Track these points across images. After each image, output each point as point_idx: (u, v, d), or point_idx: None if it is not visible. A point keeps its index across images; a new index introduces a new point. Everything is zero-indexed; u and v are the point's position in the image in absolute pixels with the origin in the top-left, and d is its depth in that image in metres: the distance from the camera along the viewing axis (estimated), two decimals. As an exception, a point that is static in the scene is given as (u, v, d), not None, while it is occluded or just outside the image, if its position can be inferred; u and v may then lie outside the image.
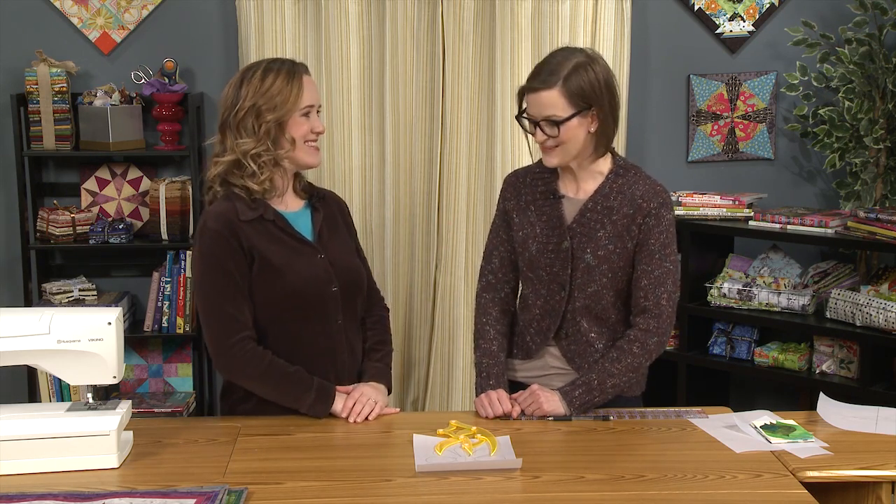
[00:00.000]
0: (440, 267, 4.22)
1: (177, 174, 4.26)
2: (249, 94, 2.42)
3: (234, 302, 2.40)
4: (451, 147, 4.14)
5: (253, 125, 2.41)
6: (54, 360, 2.15)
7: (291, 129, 2.44)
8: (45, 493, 1.97)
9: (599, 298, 2.49)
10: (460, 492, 2.03)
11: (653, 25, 4.26)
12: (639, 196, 2.47)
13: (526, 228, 2.54)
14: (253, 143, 2.42)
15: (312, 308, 2.46)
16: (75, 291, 4.10)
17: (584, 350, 2.52)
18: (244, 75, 2.46)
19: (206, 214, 2.46)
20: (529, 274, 2.55)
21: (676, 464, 2.17)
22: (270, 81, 2.42)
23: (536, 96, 2.40)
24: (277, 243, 2.44)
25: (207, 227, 2.42)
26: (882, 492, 2.16)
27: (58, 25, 4.14)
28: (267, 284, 2.42)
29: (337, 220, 2.60)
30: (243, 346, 2.39)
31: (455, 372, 4.21)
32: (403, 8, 4.06)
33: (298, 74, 2.45)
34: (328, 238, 2.53)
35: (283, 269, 2.42)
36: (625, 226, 2.46)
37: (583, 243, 2.47)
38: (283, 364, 2.41)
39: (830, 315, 3.76)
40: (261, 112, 2.41)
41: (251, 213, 2.43)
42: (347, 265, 2.54)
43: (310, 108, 2.46)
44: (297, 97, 2.42)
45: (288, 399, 2.42)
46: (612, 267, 2.47)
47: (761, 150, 4.35)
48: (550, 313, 2.53)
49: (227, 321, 2.39)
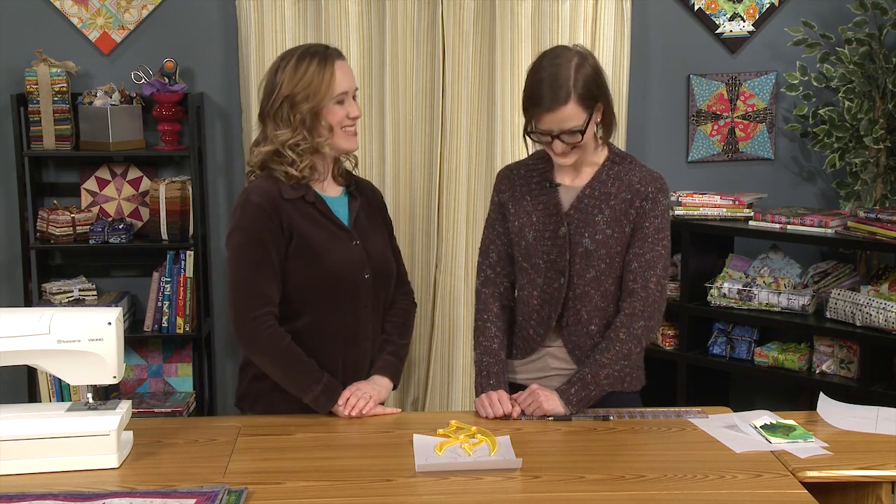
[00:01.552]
0: (440, 267, 4.22)
1: (177, 174, 4.25)
2: (284, 83, 2.43)
3: (264, 277, 2.41)
4: (451, 147, 4.14)
5: (289, 115, 2.43)
6: (54, 360, 2.16)
7: (327, 117, 2.44)
8: (45, 493, 1.97)
9: (598, 285, 2.50)
10: (460, 492, 2.03)
11: (653, 25, 4.25)
12: (636, 181, 2.49)
13: (522, 218, 2.54)
14: (290, 133, 2.43)
15: (344, 292, 2.48)
16: (75, 291, 4.10)
17: (586, 342, 2.53)
18: (279, 64, 2.47)
19: (248, 189, 2.48)
20: (525, 264, 2.55)
21: (676, 464, 2.17)
22: (303, 70, 2.42)
23: (553, 115, 2.38)
24: (316, 225, 2.46)
25: (251, 200, 2.43)
26: (882, 492, 2.17)
27: (58, 25, 4.13)
28: (302, 264, 2.44)
29: (373, 210, 2.63)
30: (266, 321, 2.41)
31: (455, 372, 4.21)
32: (403, 8, 4.06)
33: (331, 61, 2.45)
34: (365, 226, 2.56)
35: (319, 252, 2.44)
36: (623, 210, 2.48)
37: (580, 228, 2.48)
38: (298, 351, 2.43)
39: (830, 315, 3.76)
40: (295, 102, 2.42)
41: (293, 192, 2.45)
42: (381, 254, 2.57)
43: (344, 95, 2.46)
44: (329, 85, 2.43)
45: (294, 385, 2.43)
46: (610, 252, 2.48)
47: (761, 150, 4.35)
48: (550, 301, 2.53)
49: (255, 294, 2.41)
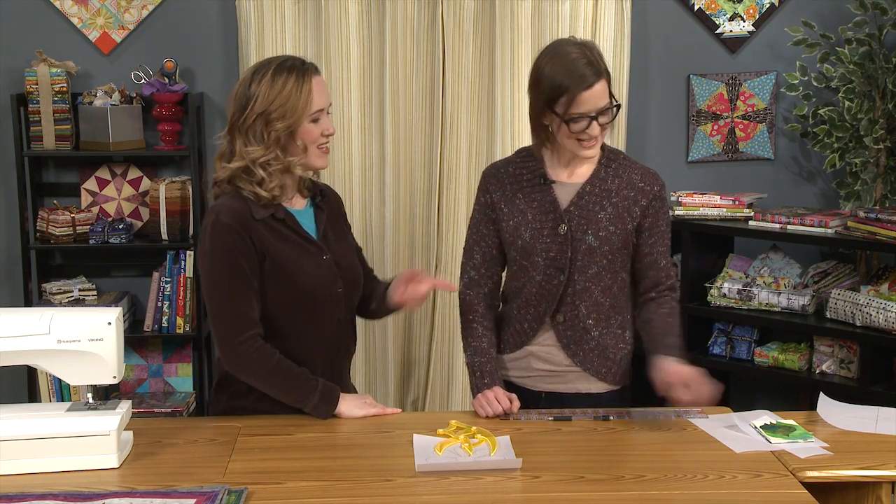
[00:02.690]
0: (440, 267, 4.22)
1: (177, 174, 4.25)
2: (259, 98, 2.33)
3: (244, 298, 2.36)
4: (451, 147, 4.14)
5: (262, 132, 2.34)
6: (54, 360, 2.15)
7: (302, 136, 2.37)
8: (45, 493, 1.97)
9: (599, 280, 2.51)
10: (460, 492, 2.03)
11: (653, 25, 4.25)
12: (638, 180, 2.52)
13: (517, 217, 2.53)
14: (262, 151, 2.35)
15: (319, 308, 2.45)
16: (75, 291, 4.10)
17: (581, 337, 2.53)
18: (253, 76, 2.37)
19: (216, 209, 2.38)
20: (524, 262, 2.54)
21: (676, 464, 2.17)
22: (280, 86, 2.33)
23: (591, 92, 2.39)
24: (287, 243, 2.41)
25: (220, 221, 2.35)
26: (882, 492, 2.16)
27: (58, 25, 4.14)
28: (277, 285, 2.39)
29: (338, 219, 2.60)
30: (252, 343, 2.37)
31: (455, 372, 4.21)
32: (403, 8, 4.06)
33: (309, 76, 2.36)
34: (332, 238, 2.52)
35: (292, 270, 2.39)
36: (626, 207, 2.50)
37: (582, 226, 2.48)
38: (289, 364, 2.40)
39: (830, 315, 3.76)
40: (270, 119, 2.33)
41: (263, 211, 2.38)
42: (350, 264, 2.54)
43: (320, 113, 2.39)
44: (307, 102, 2.35)
45: (293, 399, 2.42)
46: (612, 248, 2.50)
47: (761, 150, 4.35)
48: (547, 297, 2.53)
49: (237, 318, 2.36)
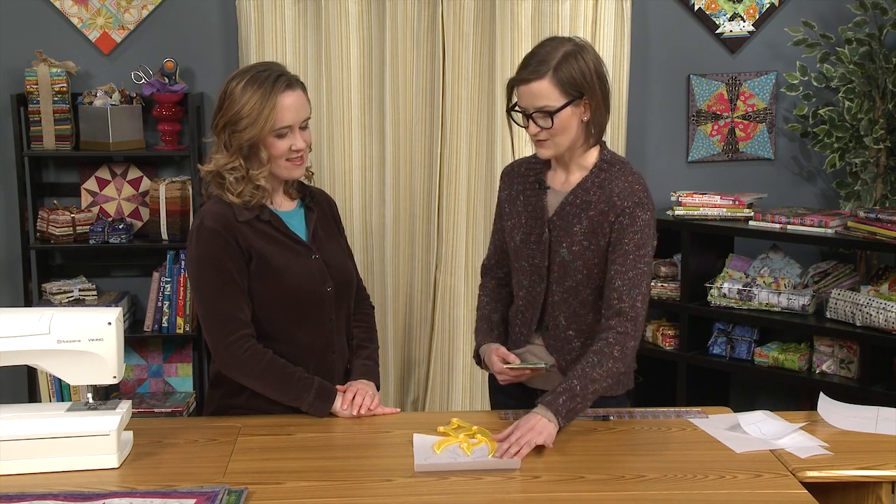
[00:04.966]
0: (440, 267, 4.22)
1: (177, 174, 4.25)
2: (227, 106, 2.38)
3: (232, 300, 2.39)
4: (451, 147, 4.14)
5: (228, 140, 2.39)
6: (54, 360, 2.15)
7: (267, 148, 2.39)
8: (45, 493, 1.97)
9: (577, 294, 2.47)
10: (460, 492, 2.03)
11: (653, 25, 4.25)
12: (615, 193, 2.42)
13: (514, 218, 2.54)
14: (227, 159, 2.39)
15: (308, 308, 2.46)
16: (75, 291, 4.10)
17: (563, 346, 2.51)
18: (230, 82, 2.40)
19: (201, 214, 2.43)
20: (515, 264, 2.56)
21: (676, 464, 2.17)
22: (247, 98, 2.35)
23: (528, 88, 2.36)
24: (274, 243, 2.43)
25: (205, 225, 2.39)
26: (882, 492, 2.16)
27: (58, 25, 4.13)
28: (264, 284, 2.41)
29: (329, 220, 2.60)
30: (243, 344, 2.39)
31: (455, 372, 4.20)
32: (403, 8, 4.06)
33: (277, 92, 2.35)
34: (322, 238, 2.53)
35: (279, 270, 2.41)
36: (598, 223, 2.42)
37: (560, 237, 2.46)
38: (282, 362, 2.41)
39: (830, 315, 3.76)
40: (235, 130, 2.37)
41: (248, 213, 2.41)
42: (340, 265, 2.55)
43: (287, 129, 2.38)
44: (268, 119, 2.35)
45: (288, 397, 2.43)
46: (587, 263, 2.43)
47: (761, 150, 4.35)
48: (532, 304, 2.53)
49: (227, 319, 2.39)
